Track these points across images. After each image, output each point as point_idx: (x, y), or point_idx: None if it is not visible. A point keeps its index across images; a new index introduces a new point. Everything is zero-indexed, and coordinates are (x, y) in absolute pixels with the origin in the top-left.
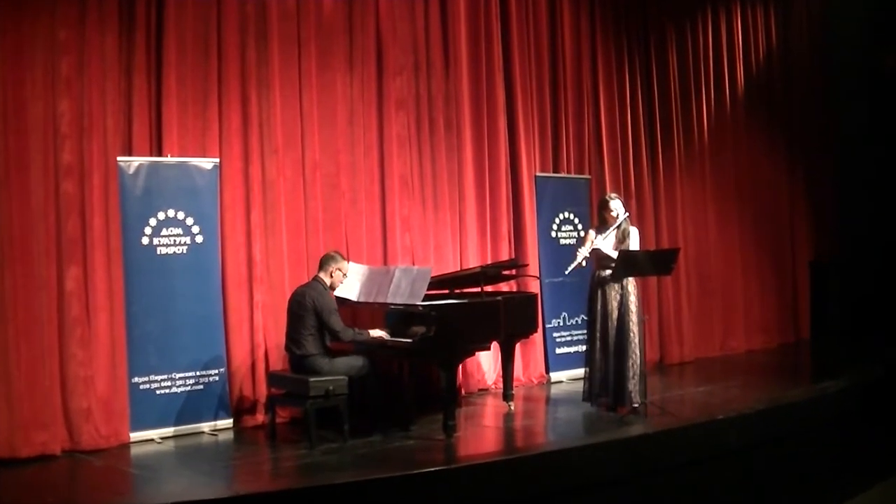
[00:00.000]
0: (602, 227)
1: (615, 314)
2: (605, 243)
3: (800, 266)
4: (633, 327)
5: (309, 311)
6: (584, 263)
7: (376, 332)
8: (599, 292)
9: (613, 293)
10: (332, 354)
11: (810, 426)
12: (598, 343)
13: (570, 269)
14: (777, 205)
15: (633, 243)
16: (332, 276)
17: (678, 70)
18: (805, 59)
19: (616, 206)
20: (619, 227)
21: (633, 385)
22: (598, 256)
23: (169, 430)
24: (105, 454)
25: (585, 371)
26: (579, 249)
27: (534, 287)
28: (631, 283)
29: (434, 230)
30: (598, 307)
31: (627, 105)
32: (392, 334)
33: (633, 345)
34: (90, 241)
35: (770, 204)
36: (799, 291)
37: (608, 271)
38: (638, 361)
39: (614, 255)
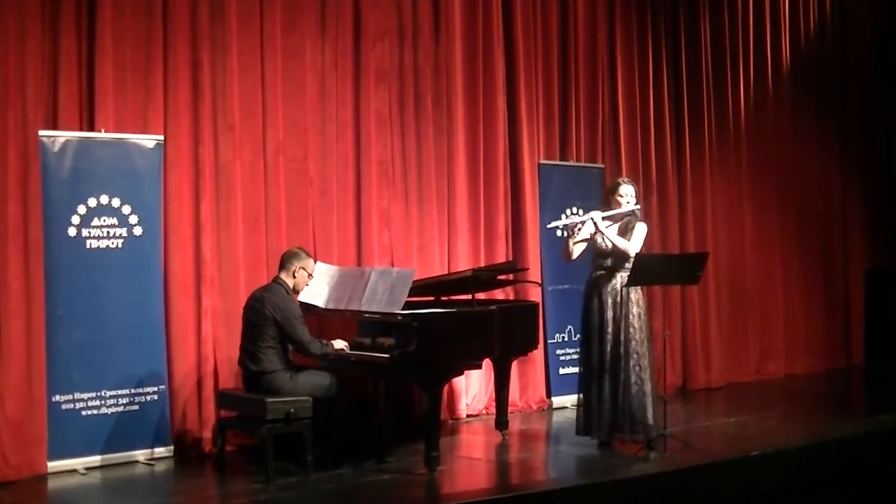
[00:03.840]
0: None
1: (611, 328)
2: (609, 230)
3: (853, 276)
4: (633, 339)
5: (268, 320)
6: (571, 243)
7: (340, 344)
8: (595, 298)
9: (610, 300)
10: (294, 371)
11: (862, 467)
12: (594, 363)
13: (555, 223)
14: (826, 204)
15: (635, 240)
16: (294, 277)
17: (711, 43)
18: (864, 34)
19: (627, 192)
20: (623, 216)
21: (642, 413)
22: (596, 250)
23: (96, 459)
24: (16, 488)
25: (579, 398)
26: (573, 216)
27: (534, 295)
28: (633, 289)
29: (418, 226)
30: (594, 319)
31: (650, 83)
32: (366, 348)
33: (631, 363)
34: (2, 231)
35: (818, 202)
36: (851, 307)
37: (603, 271)
38: (642, 384)
39: (618, 241)
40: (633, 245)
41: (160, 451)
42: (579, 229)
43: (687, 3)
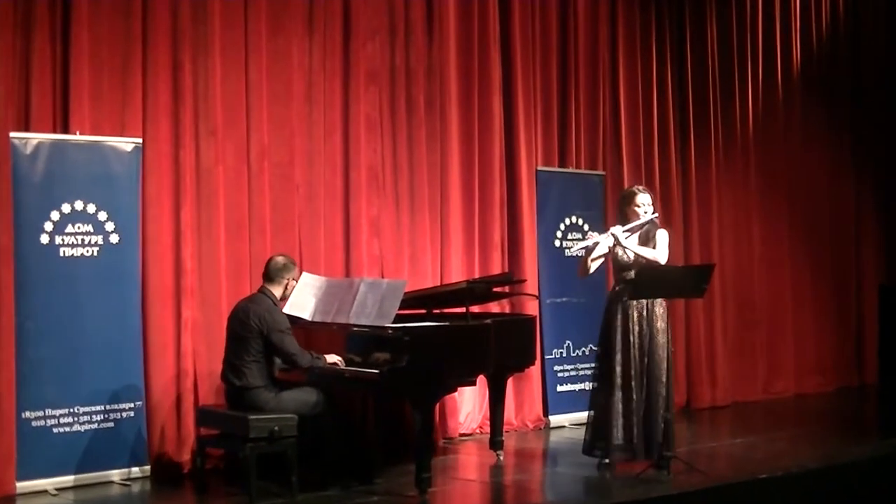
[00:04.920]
0: (623, 223)
1: (637, 341)
2: (630, 243)
3: (866, 290)
4: (657, 354)
5: (253, 332)
6: (589, 257)
7: (333, 359)
8: (619, 312)
9: (636, 314)
10: (279, 387)
11: (876, 492)
12: (617, 378)
13: (578, 246)
14: (839, 213)
15: (661, 248)
16: (286, 290)
17: (718, 45)
18: (879, 34)
19: (644, 201)
20: (643, 226)
21: (662, 432)
22: (617, 263)
23: (68, 479)
24: None
25: (589, 415)
26: (592, 233)
27: (532, 308)
28: (657, 302)
29: (409, 235)
30: (618, 332)
31: (654, 87)
32: (355, 363)
33: (654, 380)
34: None
35: (830, 212)
36: (865, 322)
37: (627, 283)
38: (665, 401)
39: (641, 250)
40: (661, 253)
41: (136, 470)
42: (597, 244)
43: (693, 3)
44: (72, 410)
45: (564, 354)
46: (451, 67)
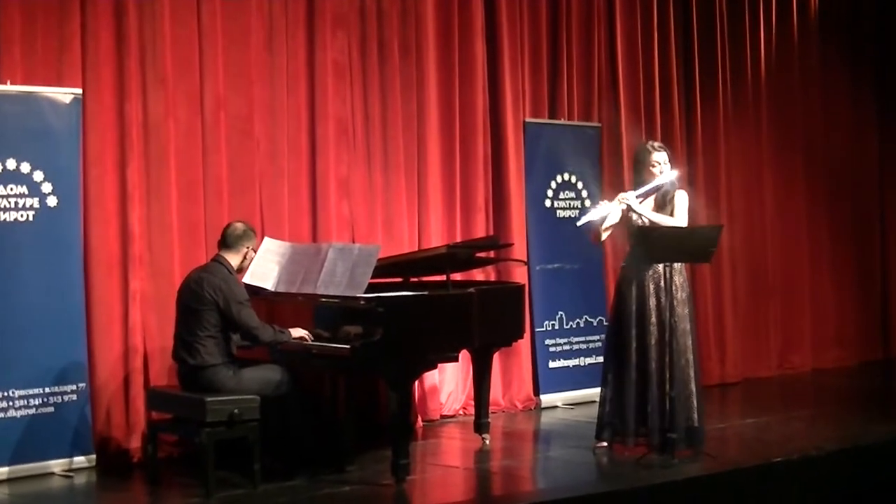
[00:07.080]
0: (639, 187)
1: (653, 314)
2: (646, 208)
3: (892, 254)
4: (685, 325)
5: (207, 304)
6: (602, 224)
7: (300, 332)
8: (634, 284)
9: (652, 285)
10: (238, 365)
11: None
12: (632, 356)
13: (583, 219)
14: (861, 171)
15: (680, 213)
16: (244, 260)
17: None
18: None
19: (660, 159)
20: (659, 188)
21: (688, 413)
22: (630, 229)
23: (3, 471)
24: None
25: (602, 393)
26: (601, 202)
27: (520, 276)
28: (676, 269)
29: (383, 196)
30: (633, 305)
31: (654, 30)
32: (323, 338)
33: (684, 353)
34: None
35: (852, 170)
36: (890, 291)
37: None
38: (689, 380)
39: (661, 219)
40: (679, 219)
41: (80, 460)
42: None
43: None
44: (7, 394)
45: (557, 327)
46: (427, 7)
